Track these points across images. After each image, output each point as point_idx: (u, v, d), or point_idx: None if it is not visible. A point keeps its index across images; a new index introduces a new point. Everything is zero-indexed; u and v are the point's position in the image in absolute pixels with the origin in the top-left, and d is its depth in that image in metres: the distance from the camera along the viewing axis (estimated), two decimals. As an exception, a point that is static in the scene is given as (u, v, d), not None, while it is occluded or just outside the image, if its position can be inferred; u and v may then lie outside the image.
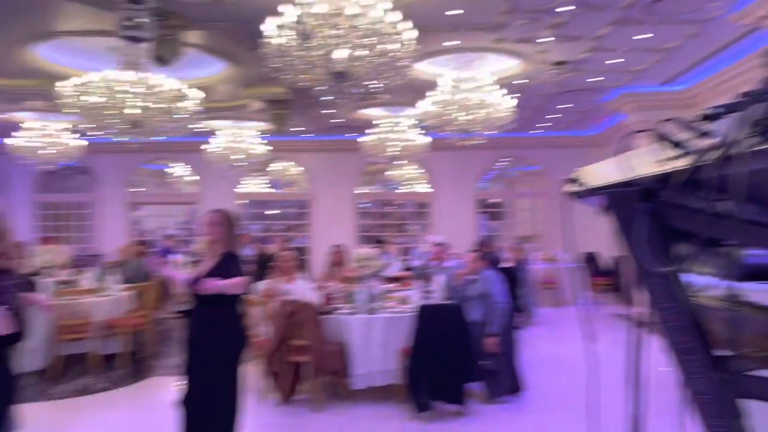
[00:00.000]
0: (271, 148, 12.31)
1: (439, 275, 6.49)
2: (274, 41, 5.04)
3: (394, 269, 9.00)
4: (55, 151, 10.64)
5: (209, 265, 3.89)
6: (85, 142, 10.99)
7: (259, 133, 12.02)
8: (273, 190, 16.12)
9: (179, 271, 7.16)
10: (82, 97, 6.56)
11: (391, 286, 6.97)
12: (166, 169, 16.25)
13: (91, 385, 6.38)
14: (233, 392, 3.82)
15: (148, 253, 10.27)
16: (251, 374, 5.18)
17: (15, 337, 2.66)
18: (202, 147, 11.83)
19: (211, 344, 3.78)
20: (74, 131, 10.69)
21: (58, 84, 6.69)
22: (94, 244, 14.51)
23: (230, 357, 3.82)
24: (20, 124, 10.63)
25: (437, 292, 6.14)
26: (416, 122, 10.68)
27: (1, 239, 2.74)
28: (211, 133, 11.76)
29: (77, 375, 6.68)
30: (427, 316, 5.30)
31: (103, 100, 6.48)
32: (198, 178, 15.01)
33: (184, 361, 3.91)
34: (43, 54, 7.79)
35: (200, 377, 3.80)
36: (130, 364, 7.15)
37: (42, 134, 10.53)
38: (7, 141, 10.55)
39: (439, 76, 8.35)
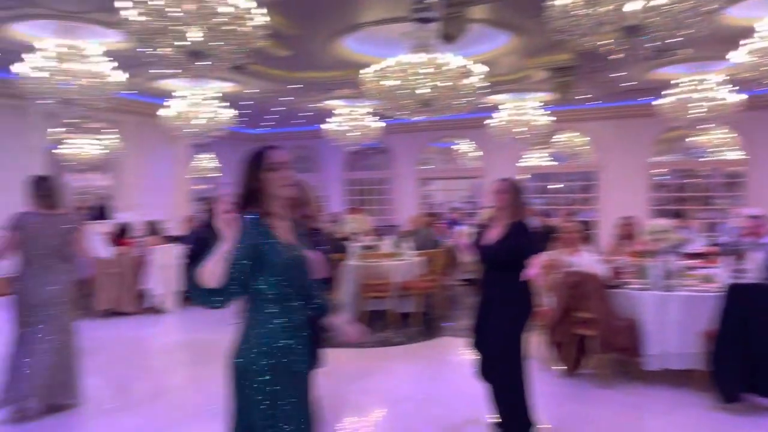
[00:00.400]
0: (555, 118, 11.99)
1: (755, 252, 5.57)
2: (558, 2, 4.85)
3: (696, 245, 8.01)
4: (359, 134, 12.06)
5: (497, 233, 3.98)
6: (383, 124, 12.20)
7: (542, 104, 11.80)
8: (556, 163, 15.70)
9: (465, 240, 7.52)
10: (381, 82, 7.25)
11: (692, 262, 6.24)
12: (452, 146, 17.09)
13: (389, 339, 7.16)
14: (519, 356, 3.87)
15: (437, 223, 11.01)
16: (535, 343, 5.18)
17: (327, 282, 3.11)
18: (485, 122, 12.10)
19: (501, 308, 3.87)
20: (374, 114, 11.94)
21: (361, 72, 7.50)
22: (391, 215, 16.15)
23: (518, 321, 3.87)
24: (332, 111, 12.29)
25: (752, 272, 5.29)
26: (727, 78, 9.26)
27: (308, 204, 3.26)
28: (494, 107, 11.95)
29: (379, 329, 7.55)
30: (740, 297, 4.60)
31: (398, 83, 7.07)
32: (481, 153, 15.47)
33: (473, 323, 4.09)
34: (349, 46, 8.83)
35: (489, 340, 3.94)
36: (422, 324, 7.79)
37: (349, 118, 12.02)
38: (323, 126, 12.29)
39: (757, 20, 7.05)
